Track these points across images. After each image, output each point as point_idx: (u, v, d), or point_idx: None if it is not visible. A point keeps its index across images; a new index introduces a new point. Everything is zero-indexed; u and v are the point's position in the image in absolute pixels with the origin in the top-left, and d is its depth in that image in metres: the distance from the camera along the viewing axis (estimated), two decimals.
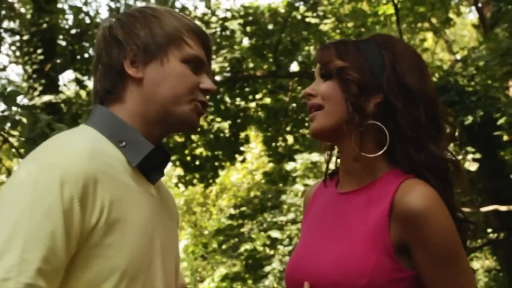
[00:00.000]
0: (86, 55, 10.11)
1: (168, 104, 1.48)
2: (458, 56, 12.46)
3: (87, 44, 9.98)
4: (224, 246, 9.55)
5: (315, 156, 7.96)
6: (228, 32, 9.18)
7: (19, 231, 1.29)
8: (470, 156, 7.56)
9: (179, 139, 10.20)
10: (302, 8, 8.91)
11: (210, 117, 10.28)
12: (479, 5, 10.75)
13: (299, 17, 8.83)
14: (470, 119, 7.75)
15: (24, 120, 2.86)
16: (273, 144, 9.66)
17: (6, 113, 2.80)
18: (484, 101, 7.98)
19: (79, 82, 10.12)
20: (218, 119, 10.15)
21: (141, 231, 1.43)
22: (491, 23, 10.27)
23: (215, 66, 8.97)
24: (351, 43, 1.64)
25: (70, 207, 1.32)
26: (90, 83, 10.71)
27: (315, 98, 1.60)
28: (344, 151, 1.61)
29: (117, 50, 1.49)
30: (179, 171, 10.85)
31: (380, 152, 1.55)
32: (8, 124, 2.89)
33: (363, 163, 1.58)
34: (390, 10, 8.22)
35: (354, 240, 1.53)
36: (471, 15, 14.36)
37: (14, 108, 2.77)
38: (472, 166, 7.42)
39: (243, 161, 10.51)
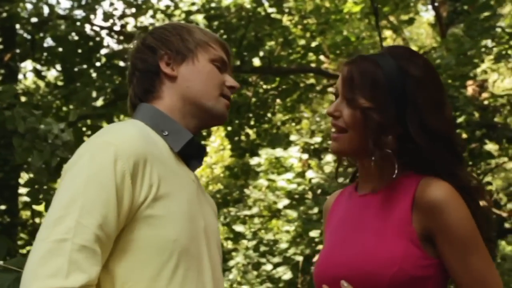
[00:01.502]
0: (45, 45, 9.94)
1: (200, 98, 1.69)
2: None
3: (46, 34, 9.82)
4: None
5: (279, 152, 8.05)
6: None
7: (76, 200, 1.43)
8: None
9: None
10: (267, 4, 8.96)
11: None
12: (436, 4, 10.95)
13: (263, 13, 8.87)
14: None
15: None
16: (236, 138, 9.70)
17: None
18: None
19: (37, 73, 9.95)
20: None
21: (187, 208, 1.58)
22: (447, 22, 10.48)
23: None
24: (375, 68, 1.70)
25: (122, 181, 1.47)
26: (49, 74, 10.57)
27: (338, 120, 1.72)
28: (364, 167, 1.75)
29: (151, 55, 1.71)
30: None
31: (394, 176, 1.68)
32: None
33: (380, 170, 1.71)
34: (355, 8, 8.35)
35: (381, 233, 1.66)
36: (427, 14, 14.64)
37: None
38: None
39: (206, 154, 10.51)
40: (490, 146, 8.86)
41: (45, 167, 2.85)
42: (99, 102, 9.43)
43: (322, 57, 10.29)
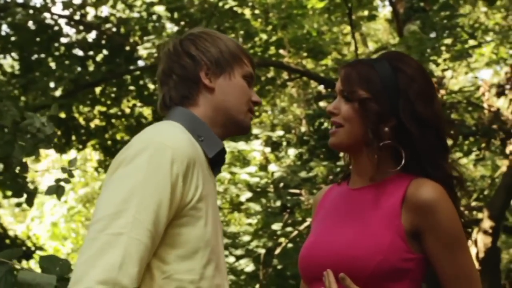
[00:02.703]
0: (2, 33, 9.73)
1: (232, 111, 1.80)
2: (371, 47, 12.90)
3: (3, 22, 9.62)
4: None
5: (242, 145, 8.09)
6: (154, 17, 9.10)
7: (134, 196, 1.53)
8: None
9: (99, 123, 10.04)
10: None
11: (132, 101, 10.18)
12: (393, 0, 11.11)
13: (227, 6, 8.87)
14: None
15: None
16: None
17: None
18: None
19: None
20: (140, 104, 10.06)
21: (215, 211, 1.72)
22: (404, 18, 10.64)
23: (142, 52, 8.89)
24: (370, 65, 1.84)
25: (176, 182, 1.58)
26: (5, 62, 10.35)
27: (336, 117, 1.83)
28: (358, 159, 1.85)
29: (191, 63, 1.79)
30: (99, 155, 10.68)
31: (398, 168, 1.79)
32: None
33: (373, 168, 1.81)
34: (319, 4, 8.43)
35: (369, 224, 1.76)
36: (384, 10, 14.84)
37: None
38: None
39: None
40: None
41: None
42: (58, 92, 9.30)
43: (282, 51, 10.35)
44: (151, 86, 9.99)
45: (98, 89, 9.91)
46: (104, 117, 10.01)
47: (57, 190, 2.59)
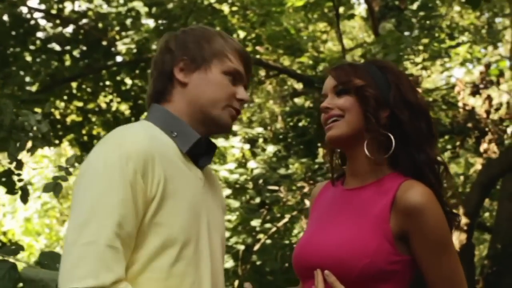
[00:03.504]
0: None
1: (206, 107, 1.76)
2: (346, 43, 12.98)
3: None
4: None
5: (221, 142, 8.11)
6: (133, 13, 9.06)
7: (97, 203, 1.55)
8: None
9: (76, 118, 9.97)
10: None
11: (109, 97, 10.13)
12: None
13: (206, 2, 8.87)
14: None
15: None
16: None
17: None
18: None
19: None
20: (117, 99, 10.02)
21: (189, 206, 1.68)
22: (379, 16, 10.74)
23: (121, 48, 8.85)
24: (359, 66, 1.94)
25: (134, 179, 1.57)
26: None
27: (333, 111, 1.88)
28: (354, 156, 1.90)
29: (169, 58, 1.79)
30: (75, 151, 10.61)
31: (388, 154, 1.86)
32: None
33: (367, 167, 1.87)
34: (299, 2, 8.47)
35: (359, 227, 1.81)
36: (360, 8, 14.95)
37: None
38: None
39: None
40: None
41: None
42: (35, 87, 9.22)
43: (258, 48, 10.38)
44: (129, 82, 9.96)
45: (74, 84, 9.84)
46: (81, 112, 9.94)
47: (54, 187, 2.60)
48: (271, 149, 8.31)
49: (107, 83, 9.89)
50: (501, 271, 7.58)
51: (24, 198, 2.79)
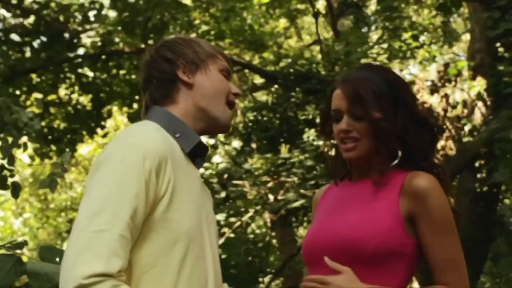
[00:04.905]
0: None
1: (211, 102, 1.90)
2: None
3: None
4: None
5: None
6: (97, 5, 9.01)
7: (112, 194, 1.63)
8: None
9: (37, 110, 9.85)
10: None
11: (70, 89, 10.04)
12: None
13: None
14: None
15: None
16: (138, 120, 9.65)
17: None
18: None
19: None
20: (79, 91, 9.95)
21: (194, 203, 1.79)
22: (337, 13, 10.89)
23: (86, 41, 8.79)
24: (370, 84, 2.00)
25: (149, 177, 1.67)
26: None
27: (351, 133, 1.98)
28: (359, 164, 2.02)
29: (168, 66, 1.91)
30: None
31: (394, 163, 2.00)
32: None
33: (373, 165, 2.00)
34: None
35: (370, 211, 1.93)
36: (317, 3, 15.08)
37: None
38: (332, 152, 7.98)
39: (105, 135, 10.43)
40: None
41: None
42: None
43: (221, 43, 10.43)
44: (90, 74, 9.90)
45: (34, 76, 9.73)
46: (41, 105, 9.81)
47: (50, 184, 2.63)
48: (235, 144, 8.38)
49: (68, 75, 9.80)
50: None
51: (16, 193, 2.81)
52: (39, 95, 9.85)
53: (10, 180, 2.90)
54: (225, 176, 7.96)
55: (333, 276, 1.87)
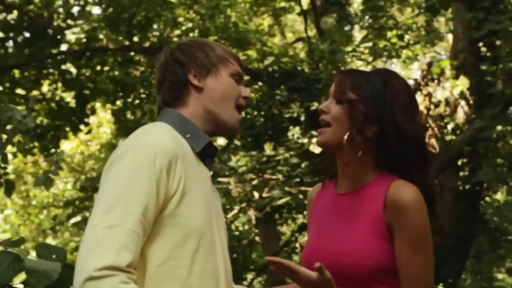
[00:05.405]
0: None
1: (219, 109, 1.96)
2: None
3: None
4: (73, 220, 9.47)
5: None
6: (81, 2, 8.97)
7: (123, 192, 1.70)
8: (314, 140, 8.17)
9: (20, 107, 9.77)
10: None
11: (53, 85, 9.99)
12: None
13: None
14: (315, 105, 8.35)
15: None
16: (122, 117, 9.65)
17: None
18: (328, 88, 8.58)
19: None
20: (62, 88, 9.89)
21: (205, 201, 1.86)
22: (320, 11, 10.93)
23: (71, 37, 8.74)
24: (364, 76, 2.03)
25: (160, 176, 1.74)
26: None
27: (326, 115, 2.01)
28: (343, 159, 2.03)
29: (180, 68, 1.97)
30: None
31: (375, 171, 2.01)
32: None
33: (357, 169, 2.01)
34: None
35: (357, 230, 1.95)
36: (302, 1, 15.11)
37: None
38: (317, 149, 8.04)
39: (89, 132, 10.39)
40: None
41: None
42: None
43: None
44: (73, 71, 9.85)
45: (17, 71, 9.65)
46: (25, 101, 9.74)
47: (45, 181, 2.63)
48: (220, 141, 8.39)
49: (51, 71, 9.75)
50: (439, 262, 7.93)
51: (9, 191, 2.80)
52: (22, 91, 9.78)
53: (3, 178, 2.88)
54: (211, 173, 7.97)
55: None
